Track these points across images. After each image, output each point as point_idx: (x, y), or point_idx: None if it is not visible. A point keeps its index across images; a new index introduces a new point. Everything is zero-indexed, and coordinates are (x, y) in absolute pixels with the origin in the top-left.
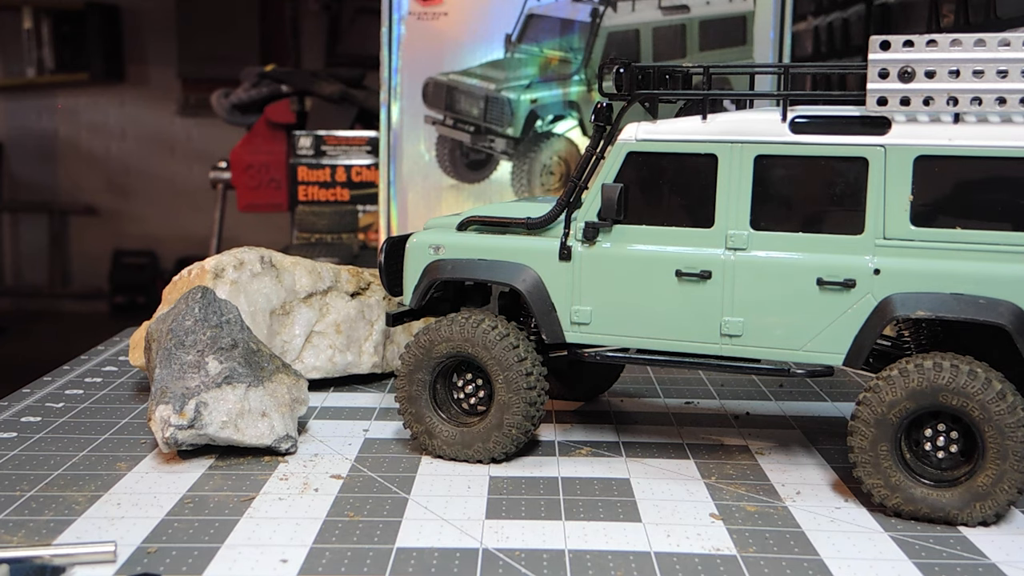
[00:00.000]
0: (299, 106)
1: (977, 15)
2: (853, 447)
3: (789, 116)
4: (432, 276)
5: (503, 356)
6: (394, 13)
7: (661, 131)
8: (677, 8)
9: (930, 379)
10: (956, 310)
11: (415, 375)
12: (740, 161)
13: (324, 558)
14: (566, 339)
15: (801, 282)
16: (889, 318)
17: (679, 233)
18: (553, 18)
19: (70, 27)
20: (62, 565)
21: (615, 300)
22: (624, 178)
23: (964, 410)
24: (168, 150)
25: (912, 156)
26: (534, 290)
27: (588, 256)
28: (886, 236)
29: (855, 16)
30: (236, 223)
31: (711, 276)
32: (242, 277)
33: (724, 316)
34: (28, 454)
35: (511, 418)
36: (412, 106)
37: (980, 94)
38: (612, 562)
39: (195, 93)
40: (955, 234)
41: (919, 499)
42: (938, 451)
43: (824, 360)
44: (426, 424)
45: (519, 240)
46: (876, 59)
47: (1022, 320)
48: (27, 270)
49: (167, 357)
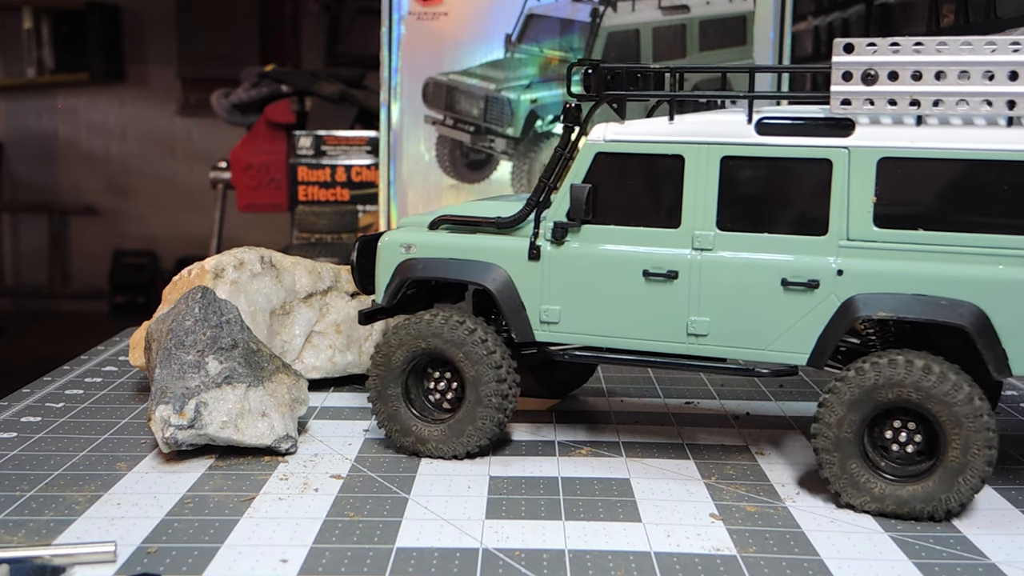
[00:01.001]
0: (299, 106)
1: (977, 15)
2: (818, 448)
3: (755, 117)
4: (403, 275)
5: (474, 353)
6: (394, 13)
7: (629, 132)
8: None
9: (888, 376)
10: (918, 311)
11: (387, 372)
12: (706, 162)
13: (324, 558)
14: (535, 338)
15: (766, 282)
16: (852, 319)
17: (646, 233)
18: (553, 18)
19: (70, 27)
20: (62, 565)
21: (583, 299)
22: (593, 178)
23: (924, 405)
24: (168, 150)
25: (875, 158)
26: (504, 289)
27: (557, 256)
28: (849, 237)
29: (855, 16)
30: (236, 223)
31: (678, 276)
32: (242, 277)
33: (690, 316)
34: (28, 454)
35: (483, 414)
36: (412, 106)
37: (942, 97)
38: (612, 562)
39: (195, 93)
40: (917, 235)
41: (886, 496)
42: (902, 447)
43: (788, 360)
44: (399, 421)
45: (489, 239)
46: (840, 61)
47: (982, 321)
48: (27, 270)
49: (167, 357)
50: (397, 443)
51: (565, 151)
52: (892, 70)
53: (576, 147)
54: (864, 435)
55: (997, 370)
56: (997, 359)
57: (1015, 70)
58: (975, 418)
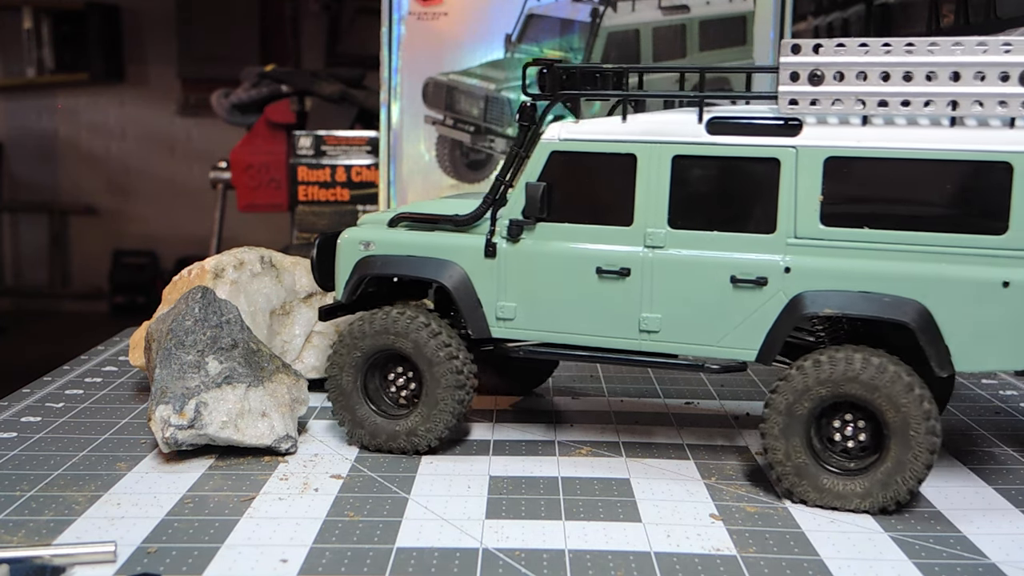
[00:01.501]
0: (299, 106)
1: (977, 15)
2: (767, 447)
3: (706, 117)
4: (362, 272)
5: (429, 348)
6: (394, 13)
7: (583, 131)
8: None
9: (829, 371)
10: (863, 308)
11: (345, 368)
12: (658, 161)
13: (324, 558)
14: (492, 334)
15: (716, 280)
16: (799, 315)
17: (600, 231)
18: (553, 18)
19: (70, 27)
20: (62, 565)
21: (539, 296)
22: (547, 177)
23: (865, 397)
24: (168, 150)
25: (822, 157)
26: (460, 286)
27: (512, 253)
28: (797, 235)
29: (855, 16)
30: (236, 223)
31: (630, 273)
32: (242, 277)
33: (643, 312)
34: (28, 454)
35: (440, 411)
36: (412, 106)
37: (886, 97)
38: (612, 562)
39: (195, 93)
40: (863, 234)
41: (833, 490)
42: (848, 441)
43: (738, 356)
44: (356, 416)
45: (447, 237)
46: (787, 62)
47: (926, 319)
48: (27, 270)
49: (167, 357)
50: (357, 440)
51: (520, 150)
52: (838, 71)
53: (532, 146)
54: (811, 431)
55: (939, 366)
56: (939, 355)
57: (956, 71)
58: (916, 408)
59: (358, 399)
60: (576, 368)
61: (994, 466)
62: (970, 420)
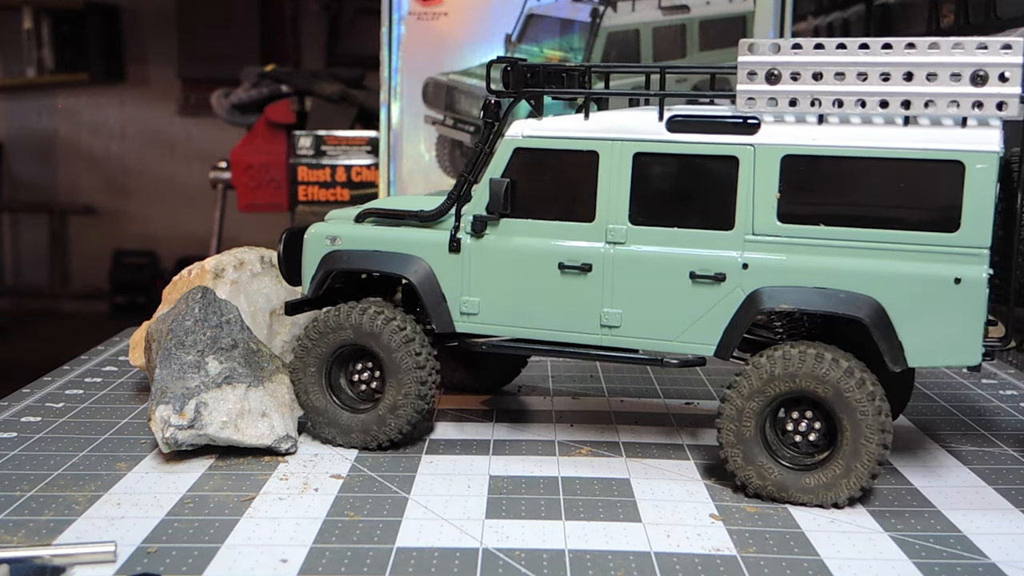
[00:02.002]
0: (299, 106)
1: (977, 15)
2: (722, 442)
3: (667, 115)
4: (328, 266)
5: (392, 342)
6: (394, 13)
7: (546, 128)
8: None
9: (782, 367)
10: (818, 304)
11: (309, 361)
12: (619, 158)
13: (324, 558)
14: (455, 329)
15: (675, 275)
16: (756, 311)
17: (562, 227)
18: (553, 18)
19: (70, 27)
20: (62, 565)
21: (502, 291)
22: (511, 173)
23: (817, 393)
24: (168, 150)
25: (779, 155)
26: (425, 281)
27: (476, 248)
28: (755, 232)
29: (855, 16)
30: (236, 223)
31: (591, 269)
32: (242, 277)
33: (604, 308)
34: (28, 454)
35: (403, 405)
36: (412, 106)
37: (841, 96)
38: (612, 562)
39: (195, 93)
40: (819, 231)
41: (787, 485)
42: (801, 436)
43: (696, 351)
44: (318, 408)
45: (412, 233)
46: (745, 61)
47: (879, 314)
48: (27, 270)
49: (167, 357)
50: (321, 435)
51: (485, 146)
52: (794, 70)
53: (496, 143)
54: (766, 426)
55: (892, 361)
56: (893, 350)
57: (910, 71)
58: (867, 403)
59: (323, 394)
60: (576, 368)
61: (994, 466)
62: (970, 420)
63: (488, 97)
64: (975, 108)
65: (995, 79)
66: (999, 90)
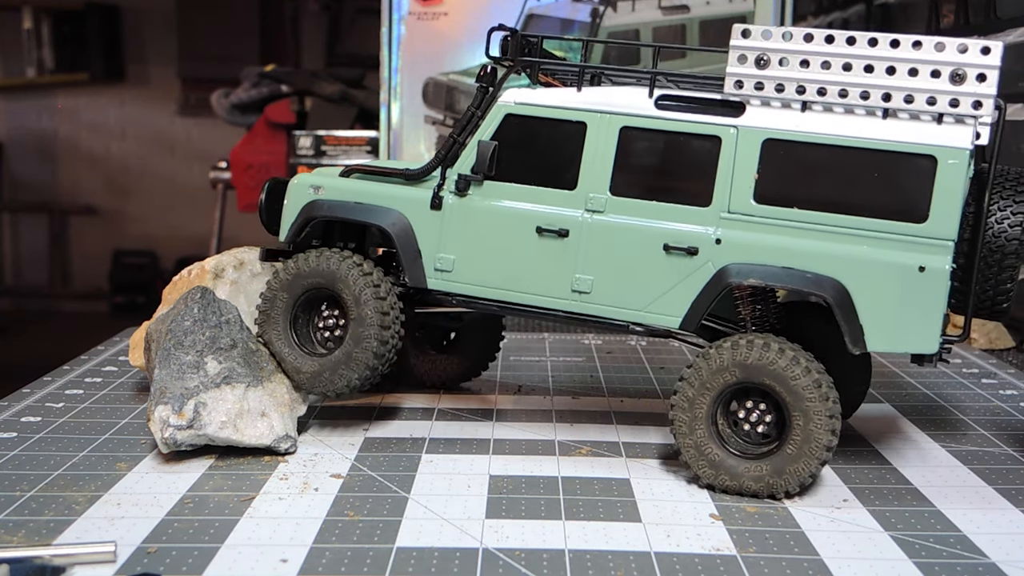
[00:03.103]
0: (299, 106)
1: (977, 15)
2: (675, 432)
3: (656, 93)
4: (308, 214)
5: (362, 292)
6: (394, 13)
7: (538, 98)
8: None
9: (731, 356)
10: (784, 281)
11: (276, 304)
12: (607, 130)
13: (324, 558)
14: (428, 285)
15: (649, 246)
16: (724, 285)
17: (544, 193)
18: (553, 18)
19: (70, 27)
20: (62, 565)
21: (478, 251)
22: (499, 137)
23: (765, 382)
24: (168, 150)
25: (760, 138)
26: (402, 234)
27: (458, 207)
28: (730, 210)
29: (855, 16)
30: (236, 223)
31: (568, 235)
32: (242, 277)
33: (576, 273)
34: (28, 454)
35: (360, 353)
36: (412, 106)
37: (825, 85)
38: (612, 562)
39: (195, 93)
40: (792, 213)
41: (739, 475)
42: (753, 426)
43: (663, 322)
44: (277, 349)
45: (395, 188)
46: (736, 45)
47: (843, 295)
48: (27, 270)
49: (166, 357)
50: (291, 376)
51: (477, 110)
52: (782, 57)
53: (488, 107)
54: (717, 416)
55: (853, 343)
56: (853, 333)
57: (892, 65)
58: (814, 390)
59: (284, 333)
60: (576, 368)
61: (994, 466)
62: (970, 420)
63: (485, 63)
64: (952, 105)
65: (973, 79)
66: (976, 89)
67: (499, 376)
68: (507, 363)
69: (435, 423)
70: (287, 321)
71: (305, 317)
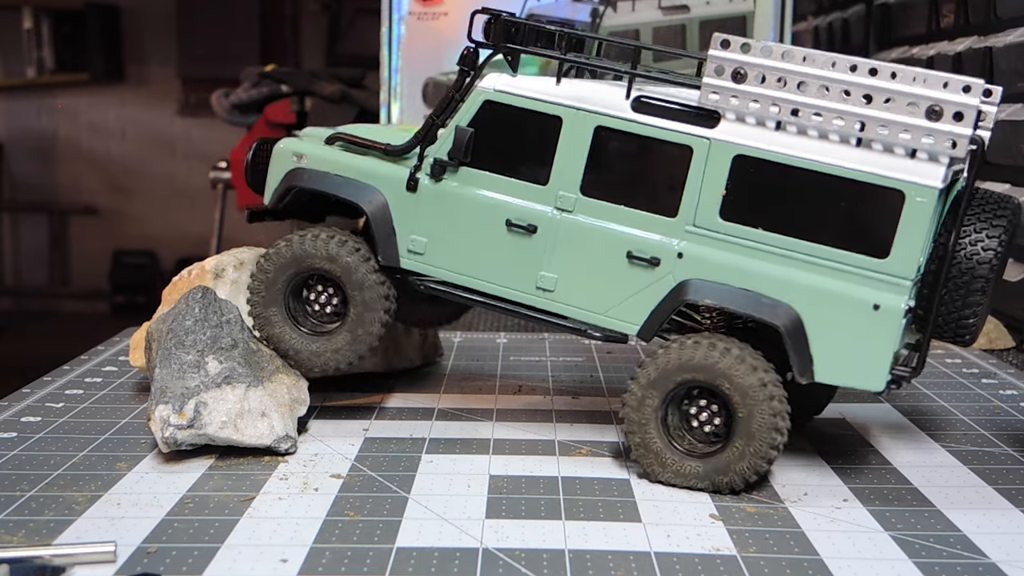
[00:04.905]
0: (299, 106)
1: (977, 15)
2: (625, 431)
3: (633, 95)
4: (290, 182)
5: (365, 278)
6: (394, 13)
7: (518, 86)
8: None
9: (677, 356)
10: (740, 304)
11: (270, 288)
12: (581, 128)
13: (324, 558)
14: (400, 264)
15: (613, 252)
16: (682, 300)
17: (516, 185)
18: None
19: (70, 27)
20: (62, 565)
21: (449, 236)
22: (477, 123)
23: (712, 381)
24: (168, 150)
25: (731, 154)
26: (378, 212)
27: (432, 191)
28: (696, 224)
29: (855, 16)
30: (236, 223)
31: (536, 231)
32: (242, 277)
33: (541, 270)
34: (28, 454)
35: (364, 335)
36: (412, 106)
37: (799, 106)
38: (612, 562)
39: (195, 93)
40: (756, 234)
41: (686, 472)
42: (702, 425)
43: (621, 328)
44: (276, 332)
45: (374, 164)
46: (715, 55)
47: (796, 325)
48: (27, 270)
49: (167, 357)
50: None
51: (457, 93)
52: (760, 73)
53: (468, 91)
54: (668, 414)
55: (800, 372)
56: (802, 362)
57: (869, 93)
58: (759, 390)
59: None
60: (576, 368)
61: (994, 466)
62: (970, 420)
63: (467, 45)
64: (926, 141)
65: (950, 116)
66: (951, 128)
67: (499, 376)
68: (507, 363)
69: (435, 423)
70: (284, 302)
71: (296, 297)
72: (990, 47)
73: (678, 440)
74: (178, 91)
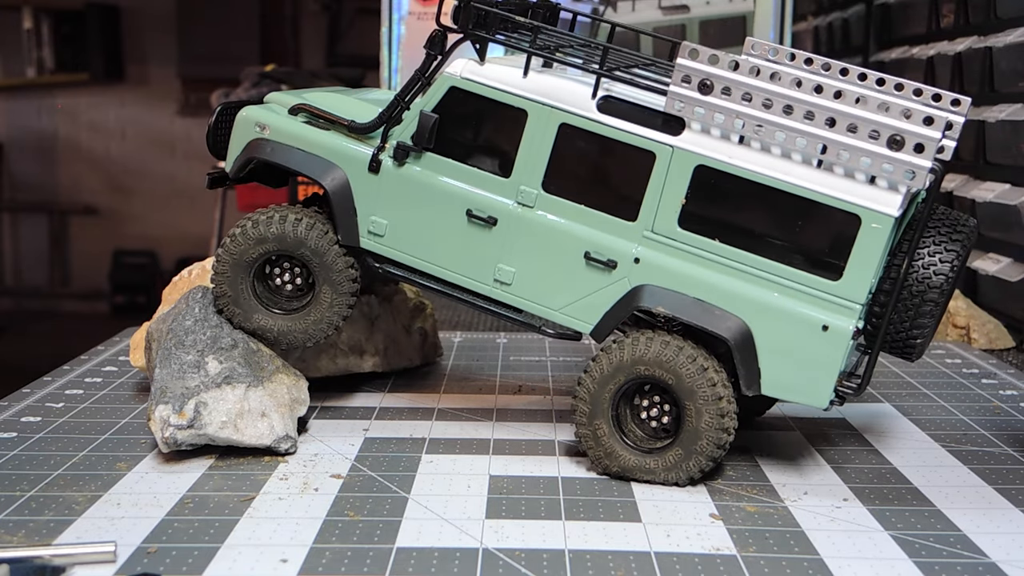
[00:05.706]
0: None
1: (977, 15)
2: (576, 423)
3: (600, 94)
4: (251, 153)
5: (335, 261)
6: (394, 13)
7: (484, 75)
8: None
9: (630, 352)
10: (691, 314)
11: (237, 270)
12: (546, 124)
13: (324, 558)
14: (360, 244)
15: (571, 251)
16: (636, 305)
17: (479, 176)
18: None
19: (70, 27)
20: (62, 565)
21: (410, 221)
22: (441, 110)
23: (661, 378)
24: (168, 150)
25: (693, 163)
26: (339, 191)
27: (395, 174)
28: (654, 230)
29: (855, 16)
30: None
31: (496, 223)
32: None
33: (499, 263)
34: (28, 454)
35: (331, 315)
36: None
37: (763, 123)
38: (612, 562)
39: (195, 93)
40: (713, 245)
41: (634, 466)
42: (651, 420)
43: (575, 326)
44: (244, 310)
45: (338, 140)
46: (683, 64)
47: (746, 338)
48: (27, 270)
49: (167, 357)
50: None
51: (424, 76)
52: (726, 86)
53: (435, 74)
54: (619, 409)
55: (747, 385)
56: (750, 375)
57: (832, 117)
58: (707, 388)
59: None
60: (576, 368)
61: (994, 466)
62: (970, 420)
63: (436, 29)
64: (886, 168)
65: (911, 147)
66: (911, 159)
67: (499, 376)
68: (507, 363)
69: (435, 423)
70: (250, 282)
71: (261, 275)
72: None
73: (628, 434)
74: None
